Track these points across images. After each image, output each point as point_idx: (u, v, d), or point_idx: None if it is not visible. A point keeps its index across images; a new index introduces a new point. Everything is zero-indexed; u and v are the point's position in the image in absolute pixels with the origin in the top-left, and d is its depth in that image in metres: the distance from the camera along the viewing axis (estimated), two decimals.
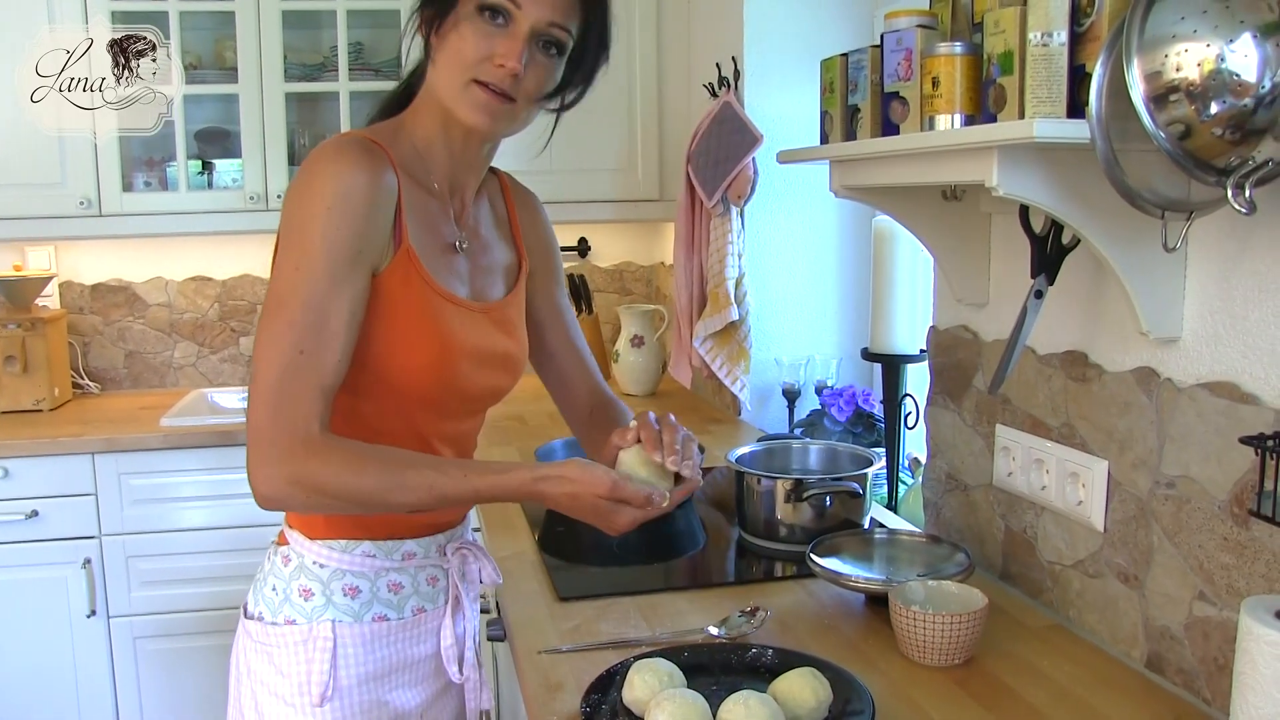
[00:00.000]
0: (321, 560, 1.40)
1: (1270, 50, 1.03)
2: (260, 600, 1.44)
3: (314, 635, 1.39)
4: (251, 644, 1.43)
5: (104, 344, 3.51)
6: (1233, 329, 1.28)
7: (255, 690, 1.42)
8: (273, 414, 1.20)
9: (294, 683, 1.39)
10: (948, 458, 1.89)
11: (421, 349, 1.34)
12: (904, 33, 1.43)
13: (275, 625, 1.40)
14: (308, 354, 1.22)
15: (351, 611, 1.41)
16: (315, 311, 1.22)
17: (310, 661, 1.39)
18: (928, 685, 1.37)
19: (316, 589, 1.40)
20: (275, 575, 1.43)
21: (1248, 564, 1.25)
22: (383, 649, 1.44)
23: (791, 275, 2.87)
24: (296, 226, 1.25)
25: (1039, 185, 1.27)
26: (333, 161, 1.25)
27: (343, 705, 1.41)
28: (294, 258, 1.23)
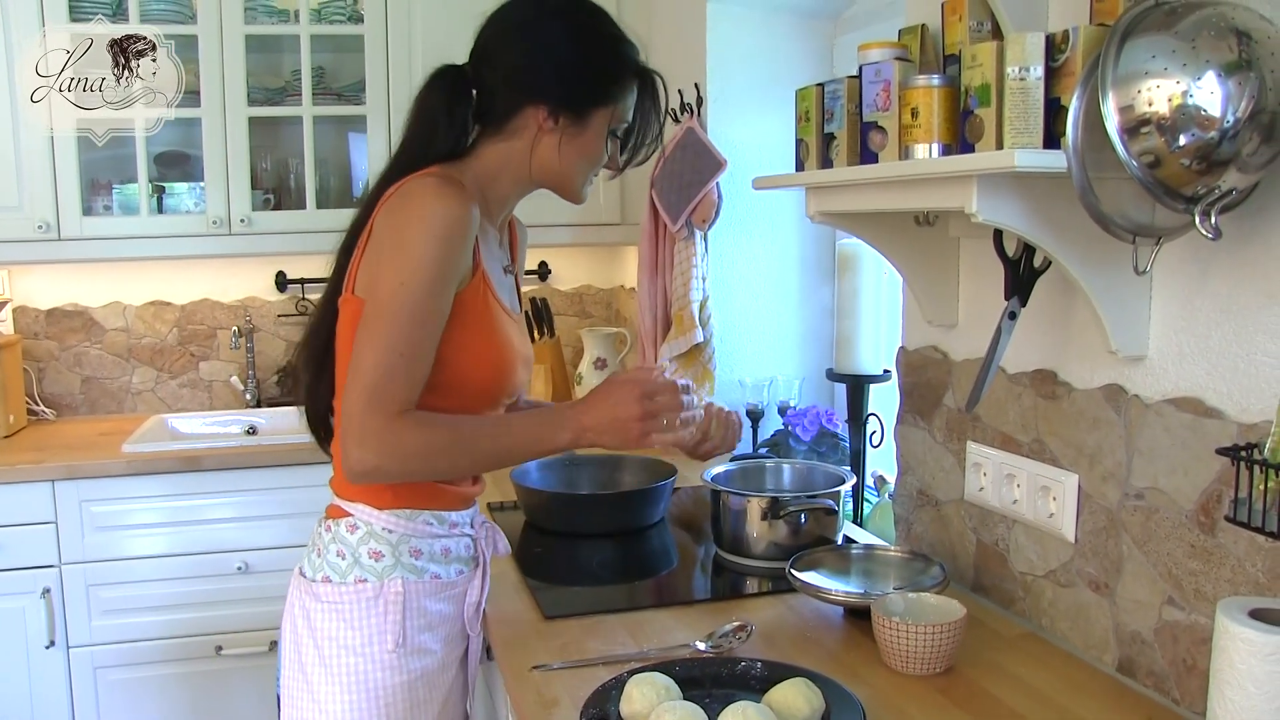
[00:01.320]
0: (390, 527, 1.58)
1: (1232, 88, 1.09)
2: (325, 566, 1.59)
3: (385, 591, 1.57)
4: (318, 605, 1.58)
5: (60, 369, 3.48)
6: (1197, 348, 1.35)
7: (322, 646, 1.57)
8: (370, 401, 1.41)
9: (366, 633, 1.56)
10: (918, 474, 1.95)
11: (492, 354, 1.58)
12: (882, 65, 1.49)
13: (346, 584, 1.57)
14: (405, 357, 1.43)
15: (415, 570, 1.59)
16: (414, 321, 1.43)
17: (384, 614, 1.56)
18: (912, 694, 1.42)
19: (387, 550, 1.58)
20: (340, 542, 1.59)
21: (1214, 569, 1.32)
22: (435, 604, 1.62)
23: (754, 298, 2.93)
24: (403, 248, 1.44)
25: (1015, 212, 1.34)
26: (440, 197, 1.45)
27: (406, 651, 1.58)
28: (400, 274, 1.43)
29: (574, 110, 1.57)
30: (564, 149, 1.58)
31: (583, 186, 1.65)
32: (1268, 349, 1.24)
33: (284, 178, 3.43)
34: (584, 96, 1.57)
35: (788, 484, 2.12)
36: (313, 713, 1.59)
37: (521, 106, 1.57)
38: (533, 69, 1.56)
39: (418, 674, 1.60)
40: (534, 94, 1.56)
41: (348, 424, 1.42)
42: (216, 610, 2.99)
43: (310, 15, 3.20)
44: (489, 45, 1.60)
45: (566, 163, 1.60)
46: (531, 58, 1.57)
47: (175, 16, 3.09)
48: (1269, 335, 1.24)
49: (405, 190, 1.49)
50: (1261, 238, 1.24)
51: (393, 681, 1.57)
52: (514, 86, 1.57)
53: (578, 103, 1.57)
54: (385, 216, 1.49)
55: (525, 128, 1.58)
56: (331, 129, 3.41)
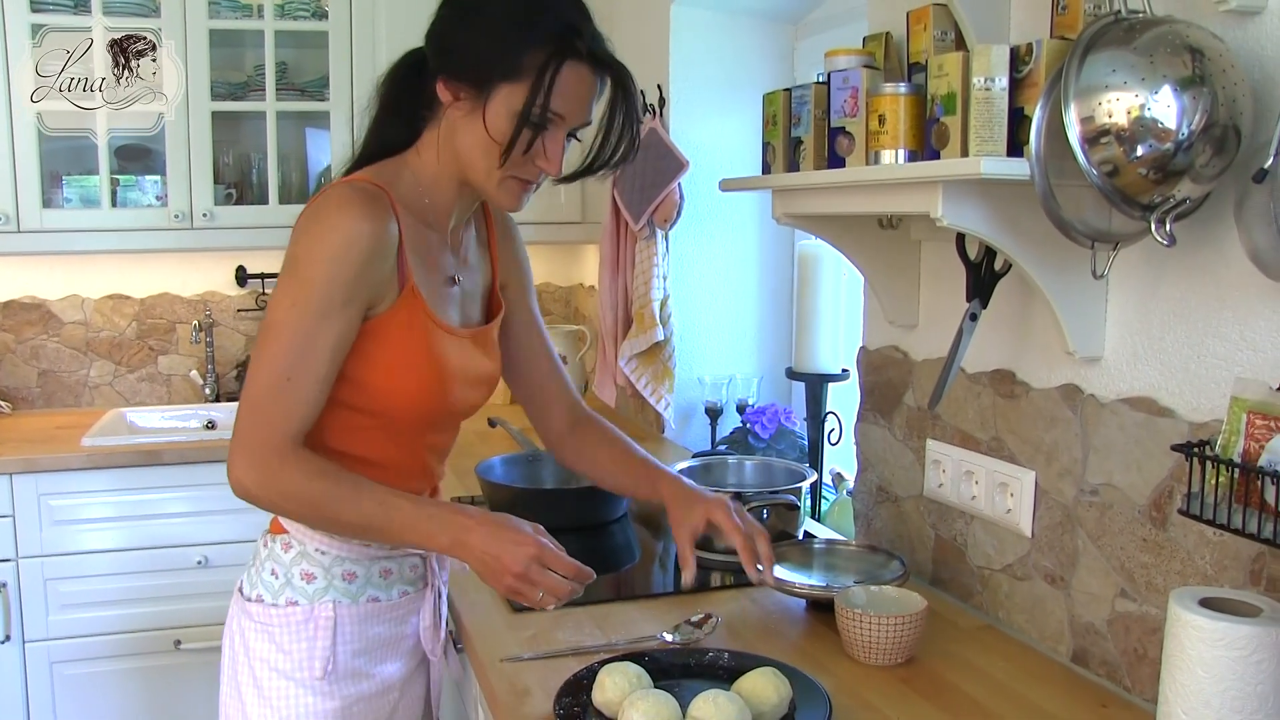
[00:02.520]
0: (323, 548, 1.51)
1: (1187, 101, 1.15)
2: (259, 584, 1.53)
3: (316, 615, 1.51)
4: (251, 624, 1.53)
5: (16, 362, 3.44)
6: (1150, 349, 1.40)
7: (254, 667, 1.52)
8: (255, 427, 1.36)
9: (295, 659, 1.51)
10: (878, 471, 2.00)
11: (421, 377, 1.47)
12: (850, 72, 1.54)
13: (277, 606, 1.51)
14: (292, 381, 1.36)
15: (349, 594, 1.53)
16: (302, 346, 1.35)
17: (313, 639, 1.50)
18: (874, 683, 1.46)
19: (318, 573, 1.51)
20: (274, 561, 1.53)
21: (1165, 562, 1.38)
22: (374, 627, 1.56)
23: (714, 297, 2.98)
24: (298, 267, 1.37)
25: (978, 216, 1.38)
26: (339, 212, 1.36)
27: (338, 677, 1.53)
28: (291, 294, 1.36)
29: (468, 79, 1.36)
30: (465, 128, 1.39)
31: (491, 184, 1.41)
32: (1217, 351, 1.30)
33: (246, 172, 3.42)
34: (473, 62, 1.36)
35: (749, 479, 2.16)
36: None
37: (435, 79, 1.40)
38: (440, 33, 1.42)
39: (353, 699, 1.54)
40: (440, 63, 1.40)
41: (234, 442, 1.36)
42: (175, 605, 2.98)
43: (274, 10, 3.20)
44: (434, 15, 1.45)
45: (471, 147, 1.40)
46: (441, 21, 1.42)
47: (139, 10, 3.07)
48: (1218, 338, 1.30)
49: (312, 205, 1.40)
50: (1212, 245, 1.30)
51: (325, 707, 1.52)
52: (431, 57, 1.42)
53: (468, 70, 1.36)
54: (295, 228, 1.40)
55: (440, 106, 1.42)
56: (294, 124, 3.40)
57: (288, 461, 1.35)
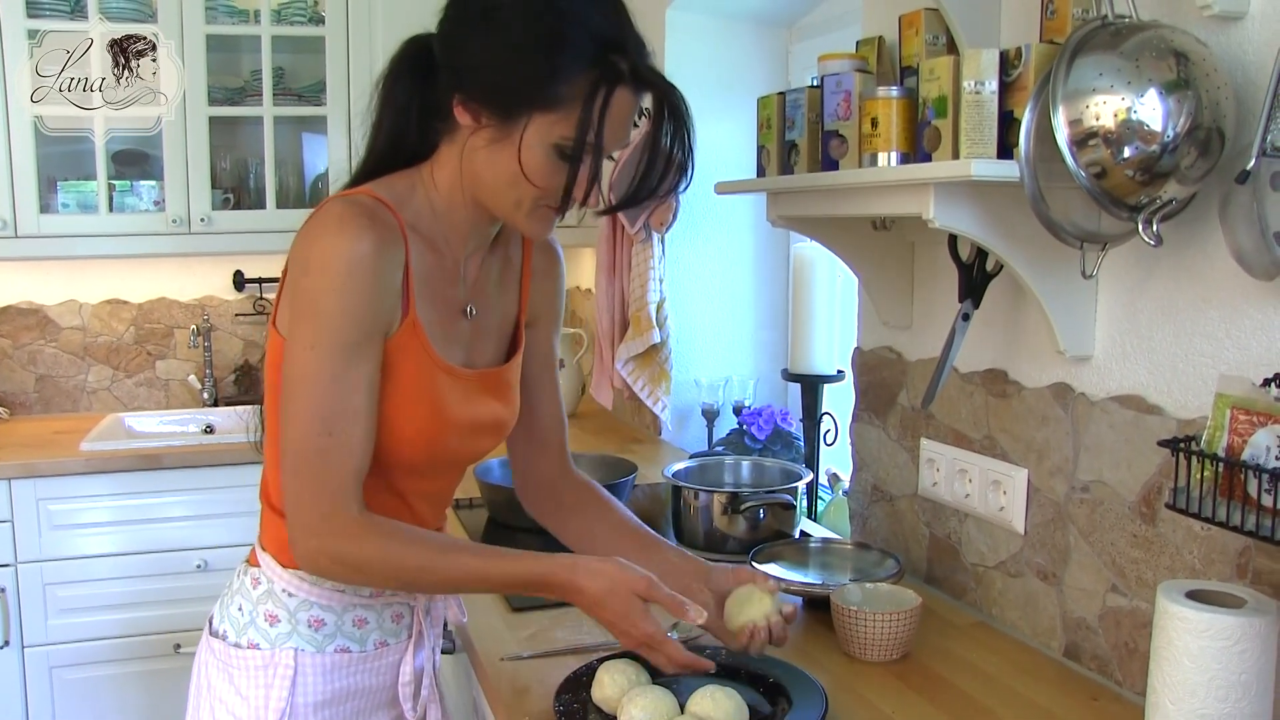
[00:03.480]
0: (291, 589, 1.38)
1: (1172, 105, 1.17)
2: (226, 618, 1.42)
3: (275, 661, 1.37)
4: (214, 661, 1.42)
5: (13, 367, 3.45)
6: (1139, 348, 1.42)
7: (214, 707, 1.41)
8: (312, 495, 1.22)
9: (251, 705, 1.38)
10: (873, 470, 2.02)
11: (415, 419, 1.32)
12: (843, 76, 1.56)
13: (238, 647, 1.39)
14: (336, 435, 1.22)
15: (315, 642, 1.39)
16: (337, 392, 1.21)
17: (269, 686, 1.37)
18: (870, 679, 1.48)
19: (283, 616, 1.38)
20: (243, 596, 1.41)
21: (1155, 557, 1.40)
22: (342, 679, 1.42)
23: (710, 300, 3.00)
24: (309, 304, 1.22)
25: (969, 218, 1.41)
26: (337, 233, 1.21)
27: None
28: (309, 336, 1.21)
29: (498, 108, 1.21)
30: (489, 155, 1.24)
31: (519, 213, 1.27)
32: (1203, 349, 1.32)
33: (243, 177, 3.44)
34: (508, 91, 1.20)
35: (746, 480, 2.18)
36: None
37: (450, 95, 1.24)
38: (454, 46, 1.25)
39: None
40: (453, 80, 1.24)
41: (291, 513, 1.23)
42: (174, 609, 2.99)
43: (271, 16, 3.22)
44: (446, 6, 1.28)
45: (495, 175, 1.25)
46: (459, 30, 1.25)
47: (136, 15, 3.09)
48: (1204, 336, 1.32)
49: (307, 225, 1.25)
50: (1198, 245, 1.32)
51: None
52: (444, 68, 1.25)
53: (501, 99, 1.20)
54: (292, 254, 1.25)
55: (459, 125, 1.26)
56: (291, 129, 3.42)
57: (356, 533, 1.23)
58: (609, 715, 1.33)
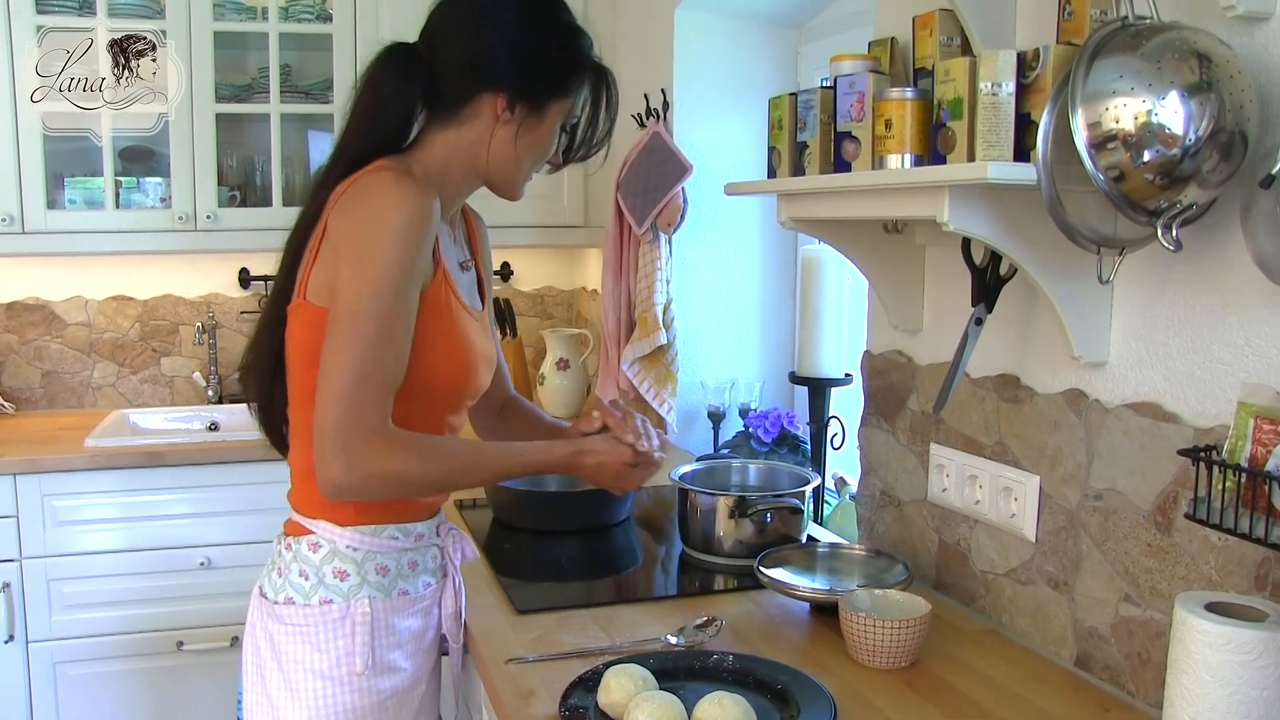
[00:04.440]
0: (354, 545, 1.53)
1: (1194, 108, 1.15)
2: (288, 586, 1.54)
3: (352, 611, 1.52)
4: (281, 627, 1.53)
5: (19, 363, 3.45)
6: (1155, 354, 1.41)
7: (286, 670, 1.52)
8: (348, 413, 1.34)
9: (333, 656, 1.52)
10: (881, 475, 2.00)
11: (454, 356, 1.53)
12: (857, 77, 1.54)
13: (310, 606, 1.52)
14: (377, 365, 1.36)
15: (382, 588, 1.55)
16: (382, 329, 1.36)
17: (351, 636, 1.52)
18: (878, 686, 1.47)
19: (351, 570, 1.53)
20: (302, 562, 1.53)
21: (1169, 567, 1.38)
22: (404, 620, 1.58)
23: (717, 301, 2.98)
24: (366, 250, 1.38)
25: (984, 221, 1.39)
26: (400, 192, 1.39)
27: (375, 672, 1.54)
28: (364, 279, 1.36)
29: (532, 101, 1.51)
30: (520, 140, 1.53)
31: (524, 181, 1.60)
32: (1222, 356, 1.30)
33: (249, 175, 3.43)
34: (542, 87, 1.52)
35: (752, 483, 2.17)
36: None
37: (478, 94, 1.51)
38: (491, 55, 1.50)
39: (388, 693, 1.56)
40: (492, 81, 1.50)
41: (323, 440, 1.34)
42: (178, 606, 2.98)
43: (279, 13, 3.20)
44: (445, 27, 1.53)
45: (520, 155, 1.55)
46: (490, 43, 1.50)
47: (144, 12, 3.08)
48: (1224, 343, 1.30)
49: (361, 186, 1.43)
50: (1218, 250, 1.30)
51: (362, 704, 1.53)
52: (471, 72, 1.50)
53: (536, 93, 1.52)
54: (341, 217, 1.42)
55: (479, 116, 1.52)
56: (297, 127, 3.41)
57: (389, 444, 1.36)
58: None
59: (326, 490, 1.36)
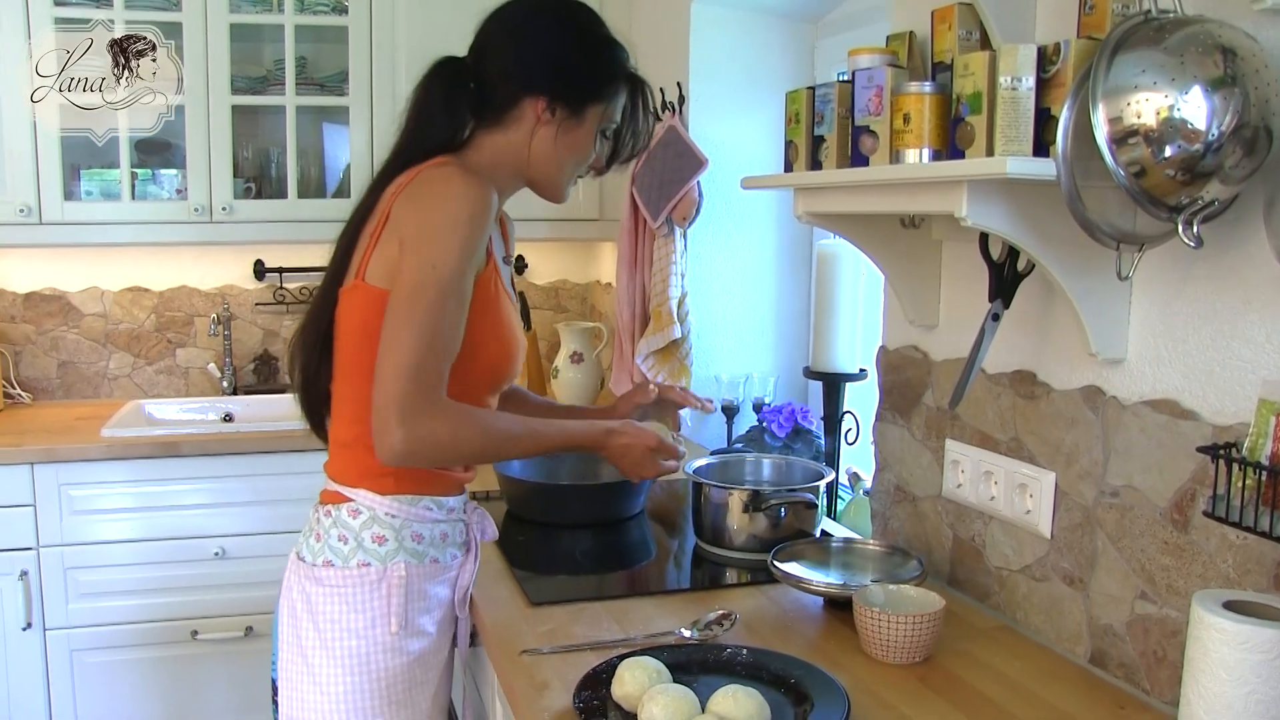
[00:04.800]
0: (392, 512, 1.62)
1: (1217, 102, 1.14)
2: (327, 550, 1.62)
3: (389, 575, 1.61)
4: (319, 589, 1.61)
5: (36, 353, 3.46)
6: (1174, 351, 1.40)
7: (322, 629, 1.60)
8: (411, 384, 1.45)
9: (367, 617, 1.60)
10: (896, 471, 1.99)
11: (502, 339, 1.64)
12: (875, 70, 1.53)
13: (348, 569, 1.60)
14: (438, 338, 1.47)
15: (416, 554, 1.63)
16: (444, 306, 1.47)
17: (386, 597, 1.60)
18: (892, 681, 1.46)
19: (389, 535, 1.61)
20: (341, 527, 1.62)
21: (1186, 565, 1.37)
22: (433, 587, 1.66)
23: (732, 295, 2.98)
24: (433, 233, 1.49)
25: (1003, 216, 1.38)
26: (465, 183, 1.52)
27: (406, 633, 1.62)
28: (431, 257, 1.48)
29: (570, 104, 1.62)
30: (559, 141, 1.64)
31: (567, 183, 1.70)
32: (1242, 354, 1.30)
33: (265, 167, 3.44)
34: (580, 91, 1.63)
35: (767, 478, 2.17)
36: (313, 694, 1.61)
37: (520, 99, 1.62)
38: (533, 63, 1.62)
39: (415, 656, 1.63)
40: (533, 86, 1.61)
41: (386, 409, 1.44)
42: (193, 595, 3.00)
43: (294, 5, 3.20)
44: (491, 40, 1.65)
45: (561, 156, 1.65)
46: (532, 52, 1.62)
47: (161, 4, 3.09)
48: (1244, 340, 1.29)
49: (427, 178, 1.54)
50: (1239, 247, 1.29)
51: (393, 663, 1.61)
52: (514, 79, 1.62)
53: (574, 96, 1.62)
54: (408, 203, 1.53)
55: (523, 119, 1.63)
56: (312, 119, 3.41)
57: (445, 414, 1.48)
58: (629, 713, 1.32)
59: (386, 456, 1.45)
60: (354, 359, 1.58)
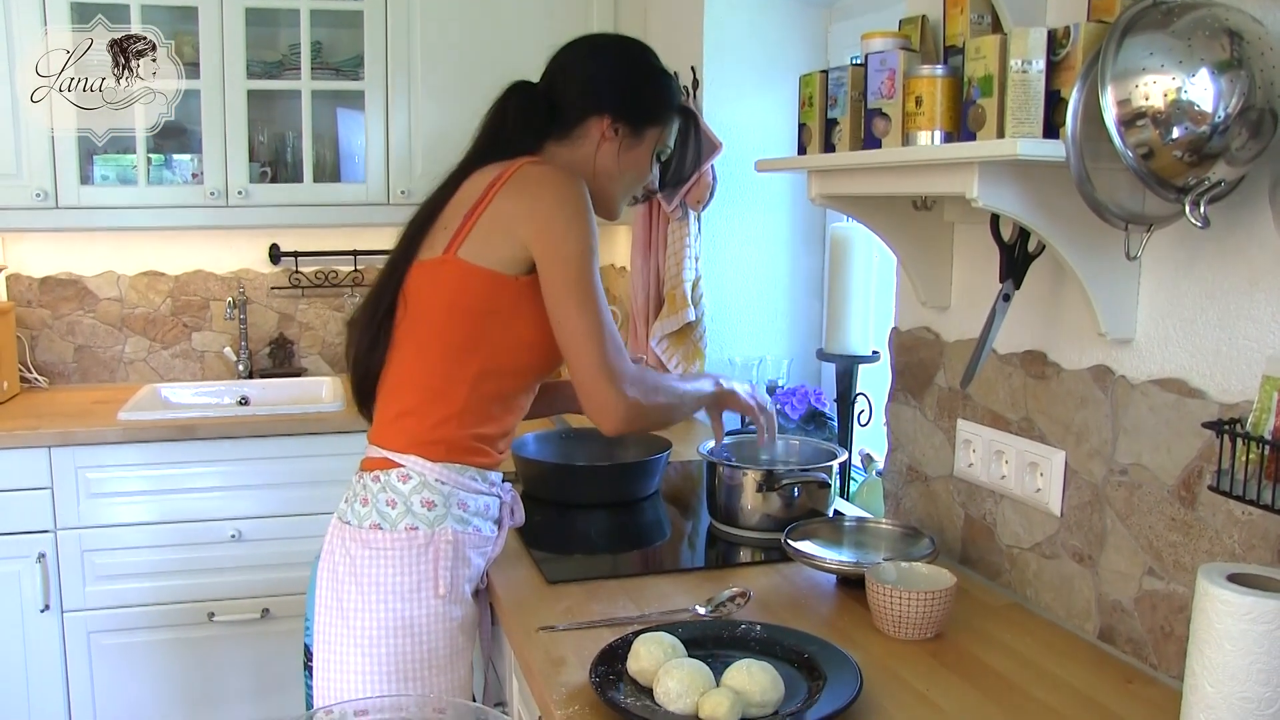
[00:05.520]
0: (442, 479, 1.68)
1: (1224, 84, 1.16)
2: (375, 514, 1.68)
3: (436, 539, 1.67)
4: (365, 551, 1.67)
5: (52, 338, 3.50)
6: (1182, 331, 1.42)
7: (365, 590, 1.66)
8: (614, 357, 1.62)
9: (413, 579, 1.66)
10: (908, 451, 2.02)
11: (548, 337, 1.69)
12: (888, 54, 1.55)
13: (396, 531, 1.66)
14: (606, 312, 1.65)
15: (462, 521, 1.70)
16: (598, 283, 1.65)
17: (434, 560, 1.67)
18: (904, 657, 1.49)
19: (439, 501, 1.68)
20: (391, 491, 1.68)
21: (1193, 541, 1.39)
22: (475, 556, 1.73)
23: (745, 278, 3.00)
24: (578, 226, 1.63)
25: (1013, 198, 1.40)
26: (572, 178, 1.67)
27: (451, 598, 1.68)
28: (585, 247, 1.63)
29: (631, 123, 1.77)
30: (622, 157, 1.78)
31: (623, 199, 1.84)
32: (1248, 333, 1.31)
33: (280, 151, 3.46)
34: (640, 113, 1.78)
35: (780, 457, 2.19)
36: (355, 656, 1.66)
37: (587, 116, 1.76)
38: (600, 85, 1.78)
39: (458, 622, 1.70)
40: (600, 105, 1.76)
41: (599, 382, 1.60)
42: (209, 577, 3.04)
43: None
44: (560, 66, 1.81)
45: (622, 171, 1.79)
46: (600, 75, 1.79)
47: None
48: (1250, 320, 1.31)
49: (532, 176, 1.67)
50: (1246, 227, 1.31)
51: (437, 627, 1.67)
52: (583, 98, 1.77)
53: (635, 117, 1.77)
54: (519, 196, 1.65)
55: (588, 135, 1.77)
56: (328, 104, 3.43)
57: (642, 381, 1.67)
58: (645, 687, 1.35)
59: (614, 423, 1.63)
60: (435, 332, 1.68)
